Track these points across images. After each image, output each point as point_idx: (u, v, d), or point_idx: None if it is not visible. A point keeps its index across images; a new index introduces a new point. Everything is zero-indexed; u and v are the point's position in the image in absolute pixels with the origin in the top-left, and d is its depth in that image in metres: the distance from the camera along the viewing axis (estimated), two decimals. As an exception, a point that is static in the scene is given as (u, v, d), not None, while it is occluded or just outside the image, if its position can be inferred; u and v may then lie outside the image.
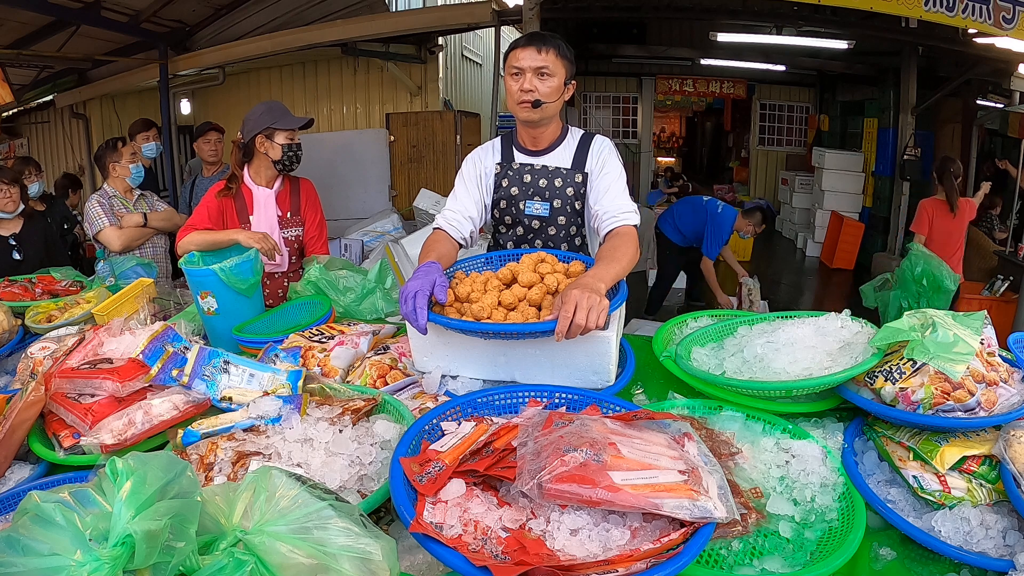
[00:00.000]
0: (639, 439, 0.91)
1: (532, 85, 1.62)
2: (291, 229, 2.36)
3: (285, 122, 2.23)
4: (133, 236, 2.82)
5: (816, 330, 1.35)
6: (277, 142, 2.23)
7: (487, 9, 5.19)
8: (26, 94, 6.75)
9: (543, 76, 1.62)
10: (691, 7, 6.18)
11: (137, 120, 3.77)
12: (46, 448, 1.20)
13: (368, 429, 1.11)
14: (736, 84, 9.86)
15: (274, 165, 2.27)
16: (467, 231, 1.74)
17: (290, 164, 2.29)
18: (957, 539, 0.94)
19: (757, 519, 0.96)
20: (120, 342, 1.40)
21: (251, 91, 6.94)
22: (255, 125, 2.24)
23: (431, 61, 6.70)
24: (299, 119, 2.28)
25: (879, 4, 4.04)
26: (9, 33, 5.07)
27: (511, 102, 1.67)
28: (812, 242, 8.38)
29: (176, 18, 5.67)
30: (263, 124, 2.22)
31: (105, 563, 0.57)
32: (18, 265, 2.77)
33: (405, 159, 6.75)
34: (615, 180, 1.68)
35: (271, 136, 2.23)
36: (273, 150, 2.24)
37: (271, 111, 2.26)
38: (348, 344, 1.51)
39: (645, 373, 1.52)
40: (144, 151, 3.57)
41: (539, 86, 1.62)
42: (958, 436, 1.05)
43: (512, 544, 0.77)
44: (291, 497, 0.67)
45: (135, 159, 2.86)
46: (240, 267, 1.75)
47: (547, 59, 1.61)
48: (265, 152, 2.25)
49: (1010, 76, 5.53)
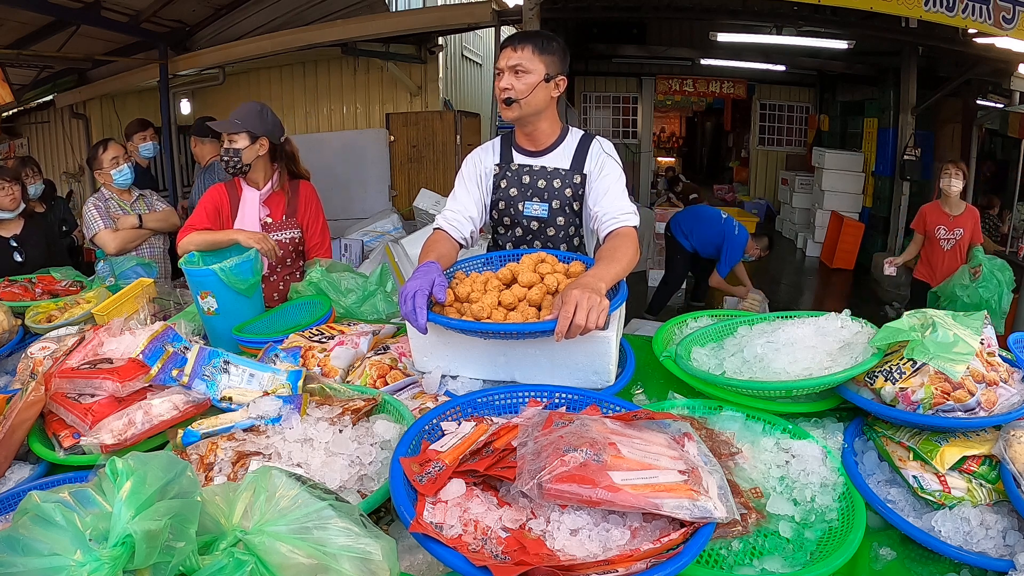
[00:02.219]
0: (639, 439, 0.91)
1: (508, 83, 1.62)
2: (285, 231, 2.32)
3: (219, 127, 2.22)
4: (128, 238, 2.81)
5: (816, 330, 1.35)
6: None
7: (487, 9, 5.19)
8: (26, 94, 6.75)
9: (518, 73, 1.62)
10: (691, 7, 6.18)
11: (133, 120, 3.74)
12: (46, 448, 1.20)
13: (368, 429, 1.11)
14: (736, 84, 9.87)
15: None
16: (467, 231, 1.74)
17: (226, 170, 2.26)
18: (957, 539, 0.94)
19: (757, 519, 0.96)
20: (120, 342, 1.40)
21: (251, 91, 6.94)
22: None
23: (431, 61, 6.70)
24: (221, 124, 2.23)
25: (879, 4, 4.04)
26: (9, 33, 5.07)
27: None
28: (812, 242, 8.38)
29: (176, 18, 5.67)
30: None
31: (105, 563, 0.57)
32: (19, 267, 2.76)
33: (405, 159, 6.76)
34: (614, 181, 1.67)
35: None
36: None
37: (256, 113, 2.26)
38: (348, 344, 1.51)
39: (645, 373, 1.52)
40: (141, 151, 3.56)
41: (514, 83, 1.62)
42: (958, 436, 1.05)
43: (512, 544, 0.77)
44: (291, 497, 0.67)
45: (116, 163, 2.81)
46: (240, 267, 1.75)
47: (522, 56, 1.61)
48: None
49: (1010, 76, 5.54)
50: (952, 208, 4.07)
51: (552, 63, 1.64)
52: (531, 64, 1.61)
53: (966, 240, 4.04)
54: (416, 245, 4.13)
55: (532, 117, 1.69)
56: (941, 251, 4.10)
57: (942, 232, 4.08)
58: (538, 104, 1.66)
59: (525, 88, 1.62)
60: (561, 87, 1.69)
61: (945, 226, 4.08)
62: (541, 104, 1.67)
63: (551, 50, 1.64)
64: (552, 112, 1.73)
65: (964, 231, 4.02)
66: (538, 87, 1.63)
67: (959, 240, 4.05)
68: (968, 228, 4.03)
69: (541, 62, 1.62)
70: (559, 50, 1.66)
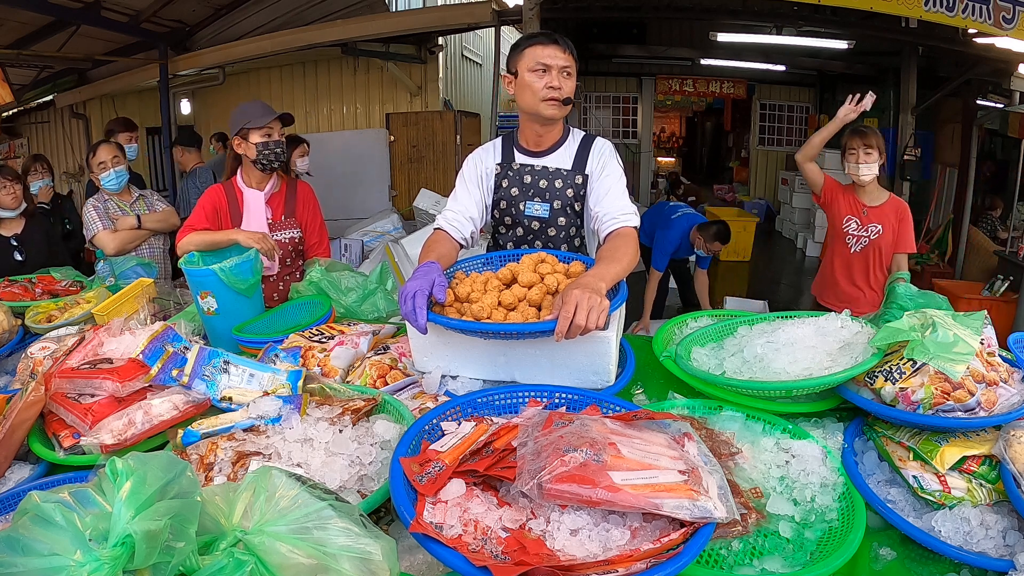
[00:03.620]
0: (639, 439, 0.91)
1: (559, 83, 1.63)
2: (285, 231, 2.34)
3: (257, 121, 2.20)
4: (127, 239, 2.81)
5: (816, 330, 1.35)
6: (252, 141, 2.21)
7: (487, 9, 5.19)
8: (26, 94, 6.75)
9: (567, 75, 1.64)
10: (691, 7, 6.18)
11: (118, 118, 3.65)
12: (46, 448, 1.20)
13: (368, 429, 1.11)
14: (736, 84, 9.86)
15: (254, 165, 2.25)
16: (468, 231, 1.74)
17: (268, 163, 2.24)
18: (957, 539, 0.94)
19: (757, 519, 0.96)
20: (120, 342, 1.40)
21: (251, 91, 6.95)
22: (232, 128, 2.24)
23: (431, 61, 6.71)
24: (269, 116, 2.22)
25: (879, 4, 4.04)
26: (9, 33, 5.07)
27: (532, 99, 1.63)
28: (812, 242, 8.37)
29: (176, 18, 5.67)
30: (237, 126, 2.22)
31: (105, 563, 0.57)
32: (20, 266, 2.76)
33: (405, 159, 6.76)
34: (616, 182, 1.68)
35: (246, 137, 2.21)
36: (249, 150, 2.22)
37: (244, 112, 2.24)
38: (348, 344, 1.51)
39: (645, 373, 1.52)
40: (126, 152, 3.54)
41: (565, 84, 1.64)
42: (958, 436, 1.05)
43: (512, 544, 0.77)
44: (291, 497, 0.67)
45: (104, 167, 2.78)
46: (240, 267, 1.75)
47: (569, 59, 1.64)
48: (244, 153, 2.25)
49: (1010, 76, 5.53)
50: (868, 197, 2.78)
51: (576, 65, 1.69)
52: (574, 68, 1.65)
53: (886, 246, 2.74)
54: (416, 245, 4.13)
55: (560, 119, 1.72)
56: (845, 252, 2.83)
57: (852, 227, 2.79)
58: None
59: (572, 89, 1.65)
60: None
61: (857, 219, 2.78)
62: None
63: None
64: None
65: (883, 231, 2.73)
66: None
67: (874, 242, 2.75)
68: (889, 227, 2.73)
69: (575, 67, 1.66)
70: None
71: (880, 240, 2.74)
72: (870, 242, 2.76)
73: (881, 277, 2.78)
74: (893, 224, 2.72)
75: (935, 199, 7.00)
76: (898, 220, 2.72)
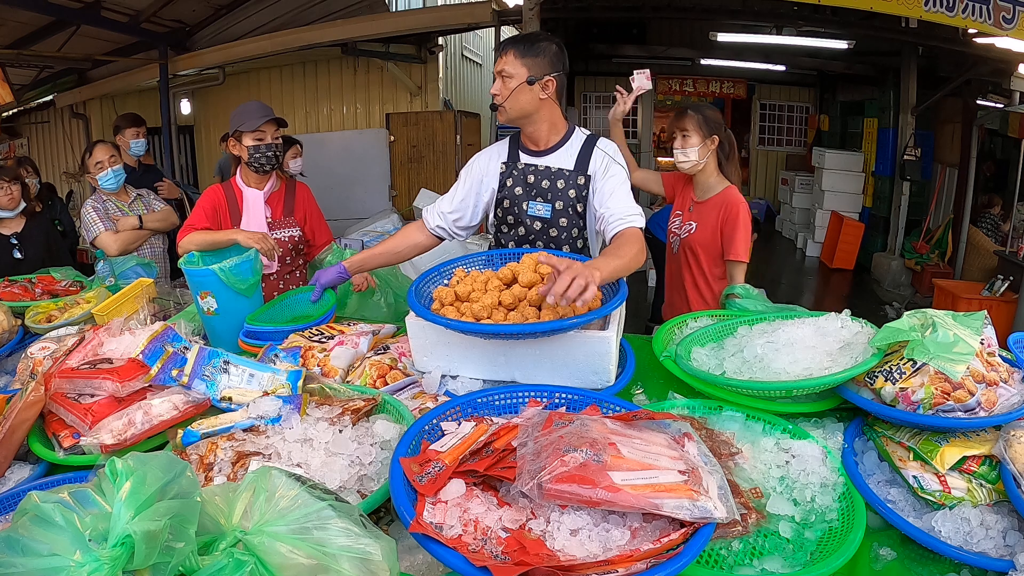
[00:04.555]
0: (639, 439, 0.91)
1: (496, 88, 1.68)
2: (284, 230, 2.34)
3: (248, 124, 2.20)
4: (129, 239, 2.81)
5: (816, 330, 1.35)
6: (244, 144, 2.22)
7: (487, 9, 5.20)
8: (26, 94, 6.76)
9: (503, 78, 1.67)
10: (691, 7, 6.19)
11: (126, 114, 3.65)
12: (46, 448, 1.20)
13: (368, 429, 1.11)
14: (736, 84, 9.86)
15: (248, 167, 2.26)
16: (435, 224, 1.85)
17: (260, 165, 2.24)
18: (957, 539, 0.94)
19: (757, 519, 0.96)
20: (120, 342, 1.40)
21: (251, 91, 6.95)
22: (230, 128, 2.26)
23: (431, 61, 6.71)
24: (260, 119, 2.20)
25: (879, 4, 4.04)
26: (9, 33, 5.07)
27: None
28: (812, 242, 8.38)
29: (176, 18, 5.68)
30: (232, 127, 2.24)
31: (105, 563, 0.57)
32: (19, 264, 2.76)
33: (405, 159, 6.76)
34: (620, 183, 1.68)
35: (239, 139, 2.23)
36: (242, 153, 2.24)
37: (240, 113, 2.25)
38: (348, 344, 1.51)
39: (645, 373, 1.52)
40: (132, 148, 3.53)
41: (500, 89, 1.67)
42: (958, 436, 1.05)
43: (512, 544, 0.77)
44: (291, 497, 0.67)
45: (101, 167, 2.77)
46: (240, 267, 1.75)
47: (504, 62, 1.66)
48: (239, 155, 2.26)
49: (1010, 76, 5.53)
50: (698, 190, 2.23)
51: (536, 65, 1.64)
52: (512, 68, 1.65)
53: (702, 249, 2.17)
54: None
55: (522, 120, 1.72)
56: (669, 254, 2.36)
57: (675, 223, 2.30)
58: (523, 107, 1.68)
59: (506, 92, 1.66)
60: (550, 88, 1.67)
61: (683, 214, 2.26)
62: (528, 106, 1.68)
63: (535, 52, 1.64)
64: (549, 113, 1.73)
65: (696, 228, 2.18)
66: (519, 90, 1.65)
67: (685, 241, 2.21)
68: (706, 226, 2.15)
69: (523, 66, 1.64)
70: (547, 51, 1.65)
71: (692, 239, 2.18)
72: (681, 241, 2.23)
73: (704, 286, 2.19)
74: (713, 222, 2.12)
75: (935, 199, 7.00)
76: (721, 219, 2.11)
